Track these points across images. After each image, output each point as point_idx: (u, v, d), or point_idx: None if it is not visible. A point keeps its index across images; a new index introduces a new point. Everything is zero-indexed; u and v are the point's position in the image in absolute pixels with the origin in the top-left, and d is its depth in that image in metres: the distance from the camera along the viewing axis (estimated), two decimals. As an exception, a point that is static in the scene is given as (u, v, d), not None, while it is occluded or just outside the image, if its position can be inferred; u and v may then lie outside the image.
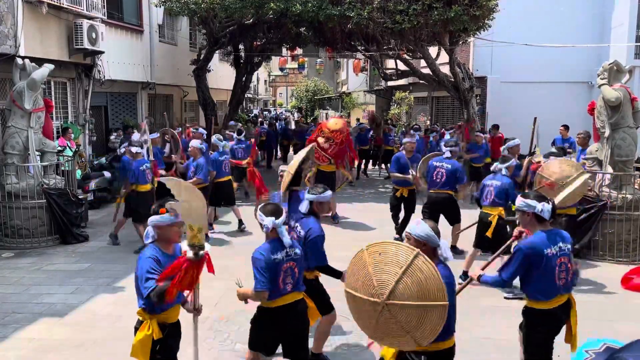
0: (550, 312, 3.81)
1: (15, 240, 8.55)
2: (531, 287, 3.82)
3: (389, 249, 2.93)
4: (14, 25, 9.51)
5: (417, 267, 2.80)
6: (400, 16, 12.43)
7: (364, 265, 2.95)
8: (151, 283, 3.29)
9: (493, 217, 6.53)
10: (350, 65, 31.07)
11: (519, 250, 3.78)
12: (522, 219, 3.91)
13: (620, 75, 8.12)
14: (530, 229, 3.90)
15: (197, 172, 8.55)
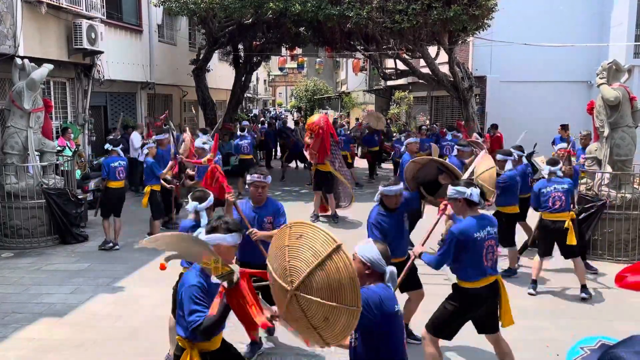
0: (476, 293, 4.12)
1: (15, 240, 8.55)
2: (461, 269, 4.16)
3: (310, 233, 2.60)
4: (13, 25, 9.51)
5: (335, 263, 2.51)
6: (399, 16, 12.43)
7: (282, 245, 2.67)
8: (197, 317, 2.98)
9: (568, 222, 6.39)
10: (349, 65, 31.06)
11: (452, 235, 4.11)
12: (454, 206, 4.26)
13: (619, 75, 8.13)
14: (462, 214, 4.21)
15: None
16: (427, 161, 5.41)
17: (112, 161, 8.34)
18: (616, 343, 1.33)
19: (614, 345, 1.31)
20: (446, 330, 4.22)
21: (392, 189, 4.85)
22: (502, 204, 7.13)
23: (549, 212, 6.46)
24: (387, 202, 4.90)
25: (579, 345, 1.53)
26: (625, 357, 1.22)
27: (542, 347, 5.06)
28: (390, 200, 4.88)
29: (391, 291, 3.03)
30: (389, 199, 4.88)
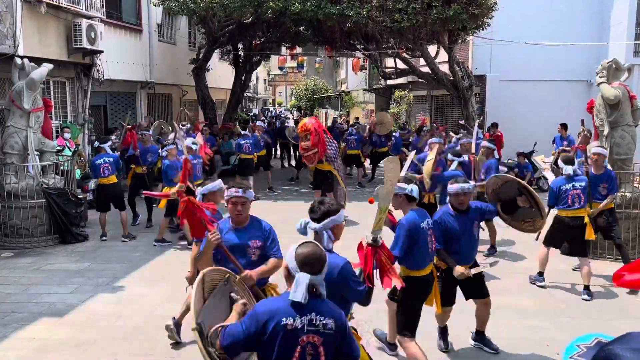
0: (424, 279, 4.41)
1: (15, 240, 8.55)
2: (410, 259, 4.34)
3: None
4: (13, 25, 9.51)
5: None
6: (399, 15, 12.43)
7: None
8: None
9: (586, 218, 6.49)
10: (349, 64, 31.05)
11: (402, 226, 4.27)
12: (395, 201, 4.36)
13: (619, 74, 8.12)
14: (403, 209, 4.44)
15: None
16: (510, 180, 5.38)
17: (97, 159, 8.91)
18: (612, 340, 1.33)
19: (609, 342, 1.32)
20: (414, 325, 4.36)
21: (461, 187, 4.69)
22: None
23: (568, 209, 6.51)
24: (455, 201, 4.76)
25: (575, 342, 1.54)
26: (621, 353, 1.22)
27: (542, 346, 5.06)
28: (458, 199, 4.74)
29: (286, 303, 2.55)
30: (457, 197, 4.73)
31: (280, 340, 2.50)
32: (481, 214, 4.92)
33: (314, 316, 2.54)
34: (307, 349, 2.53)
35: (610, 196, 6.87)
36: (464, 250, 4.76)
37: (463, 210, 4.75)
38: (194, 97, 17.76)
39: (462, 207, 4.74)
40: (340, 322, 2.61)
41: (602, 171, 6.95)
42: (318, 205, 3.26)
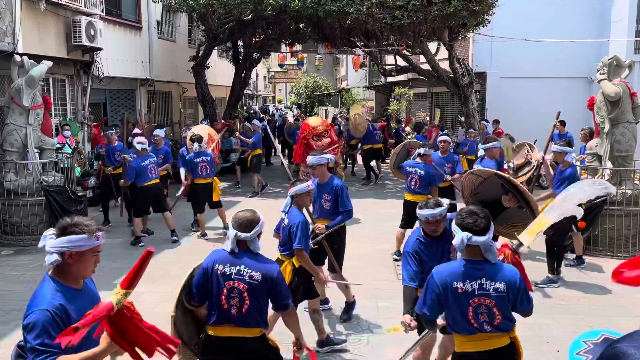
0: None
1: (15, 237, 8.55)
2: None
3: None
4: (12, 22, 9.49)
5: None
6: (399, 12, 12.41)
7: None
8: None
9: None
10: (349, 62, 31.03)
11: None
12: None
13: (620, 70, 8.11)
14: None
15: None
16: (490, 175, 4.44)
17: (141, 160, 8.39)
18: (620, 337, 1.31)
19: (618, 340, 1.29)
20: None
21: (431, 214, 3.78)
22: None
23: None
24: (426, 228, 3.89)
25: (581, 339, 1.52)
26: (630, 351, 1.20)
27: (542, 343, 5.06)
28: (428, 226, 3.86)
29: (224, 254, 3.26)
30: (427, 225, 3.85)
31: (215, 283, 3.19)
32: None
33: (242, 267, 3.20)
34: (233, 293, 3.17)
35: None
36: None
37: (437, 237, 3.96)
38: (194, 95, 17.73)
39: (435, 234, 3.92)
40: (268, 275, 3.19)
41: (565, 167, 6.87)
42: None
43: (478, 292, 2.99)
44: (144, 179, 8.29)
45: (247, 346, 3.28)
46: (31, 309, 2.44)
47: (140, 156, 8.36)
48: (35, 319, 2.38)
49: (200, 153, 8.76)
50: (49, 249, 2.54)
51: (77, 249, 2.52)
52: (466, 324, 3.05)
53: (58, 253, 2.53)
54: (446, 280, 3.04)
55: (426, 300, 3.13)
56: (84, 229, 2.53)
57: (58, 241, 2.53)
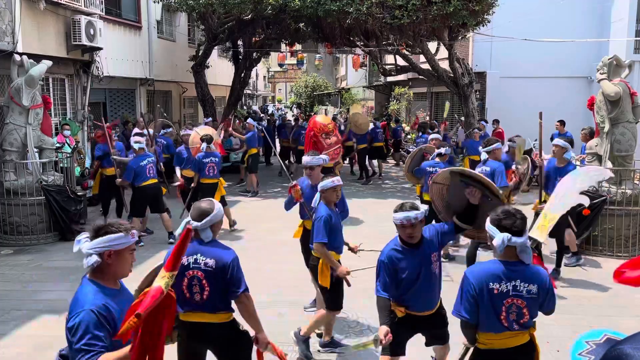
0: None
1: (15, 237, 8.54)
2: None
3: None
4: (12, 22, 9.48)
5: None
6: (399, 11, 12.40)
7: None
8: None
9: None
10: (349, 61, 31.01)
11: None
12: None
13: (619, 70, 8.10)
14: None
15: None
16: (446, 174, 4.11)
17: (139, 160, 8.32)
18: (623, 339, 1.30)
19: (621, 341, 1.28)
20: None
21: (406, 216, 3.55)
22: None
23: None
24: (401, 234, 3.65)
25: (584, 339, 1.51)
26: (633, 353, 1.19)
27: (542, 343, 5.04)
28: (404, 231, 3.62)
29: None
30: (403, 229, 3.61)
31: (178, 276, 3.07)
32: (439, 243, 3.78)
33: (198, 256, 3.35)
34: (193, 281, 3.33)
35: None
36: (415, 295, 3.70)
37: (414, 244, 3.67)
38: (194, 94, 17.72)
39: (412, 240, 3.64)
40: (221, 262, 3.30)
41: (564, 164, 6.85)
42: None
43: (512, 293, 3.02)
44: (142, 179, 8.26)
45: (216, 331, 3.41)
46: (74, 311, 2.48)
47: (138, 156, 8.32)
48: (80, 319, 2.43)
49: (209, 154, 8.78)
50: (87, 251, 2.57)
51: (116, 247, 2.58)
52: (496, 323, 3.08)
53: (97, 254, 2.56)
54: (482, 281, 3.05)
55: (463, 303, 3.10)
56: (119, 228, 2.61)
57: (96, 242, 2.57)
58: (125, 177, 8.37)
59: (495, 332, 3.10)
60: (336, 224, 4.62)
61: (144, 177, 8.26)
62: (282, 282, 6.66)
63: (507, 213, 3.09)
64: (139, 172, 8.21)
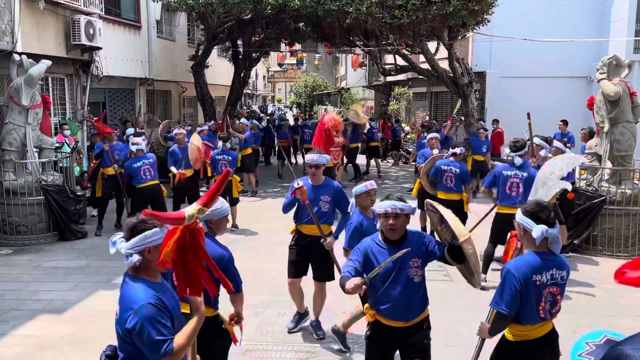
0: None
1: (14, 237, 8.53)
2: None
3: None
4: (11, 21, 9.47)
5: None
6: (398, 11, 12.39)
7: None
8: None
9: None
10: (349, 61, 31.01)
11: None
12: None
13: (619, 70, 8.10)
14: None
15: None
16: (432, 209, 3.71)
17: (135, 161, 8.43)
18: (623, 340, 1.29)
19: (620, 342, 1.28)
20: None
21: (392, 204, 3.39)
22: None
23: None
24: (383, 225, 3.42)
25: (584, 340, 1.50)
26: (633, 354, 1.19)
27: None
28: (386, 221, 3.39)
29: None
30: (386, 219, 3.40)
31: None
32: (424, 256, 3.42)
33: None
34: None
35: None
36: (393, 299, 3.38)
37: (394, 242, 3.40)
38: (193, 94, 17.70)
39: (392, 235, 3.35)
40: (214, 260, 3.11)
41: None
42: None
43: (550, 282, 3.15)
44: (138, 180, 8.36)
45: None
46: (129, 311, 2.49)
47: (135, 157, 8.40)
48: (141, 316, 2.45)
49: (224, 152, 9.18)
50: (126, 251, 2.56)
51: (154, 243, 2.58)
52: (535, 314, 3.17)
53: (138, 252, 2.56)
54: (527, 275, 3.10)
55: (504, 297, 3.12)
56: (153, 223, 2.59)
57: (134, 241, 2.56)
58: (124, 178, 8.66)
59: (533, 323, 3.20)
60: (368, 230, 4.38)
61: (140, 179, 8.35)
62: (282, 282, 6.65)
63: (541, 206, 3.21)
64: (133, 174, 8.36)
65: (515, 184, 6.42)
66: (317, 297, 5.22)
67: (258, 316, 5.61)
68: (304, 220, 5.13)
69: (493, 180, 6.66)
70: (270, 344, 5.10)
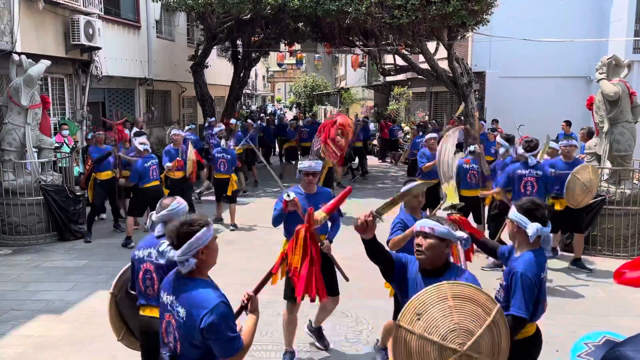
0: None
1: (13, 237, 8.53)
2: None
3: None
4: (10, 21, 9.46)
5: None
6: (398, 11, 12.39)
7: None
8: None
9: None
10: (348, 61, 31.01)
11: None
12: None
13: (619, 70, 8.10)
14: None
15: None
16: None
17: (144, 161, 8.30)
18: (623, 341, 1.29)
19: (620, 343, 1.27)
20: None
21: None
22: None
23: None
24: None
25: (583, 341, 1.50)
26: (633, 356, 1.18)
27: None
28: (412, 201, 3.99)
29: (148, 240, 3.52)
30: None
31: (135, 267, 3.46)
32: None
33: (152, 250, 3.30)
34: (147, 274, 3.37)
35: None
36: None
37: (429, 272, 3.08)
38: (193, 94, 17.70)
39: (421, 260, 3.00)
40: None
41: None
42: None
43: (547, 278, 3.30)
44: (146, 180, 8.23)
45: None
46: (204, 311, 2.49)
47: (143, 157, 8.26)
48: (218, 314, 2.48)
49: (224, 150, 9.58)
50: (180, 258, 2.57)
51: (205, 243, 2.61)
52: (542, 311, 3.20)
53: (192, 256, 2.58)
54: (539, 274, 3.09)
55: (526, 302, 2.99)
56: (200, 223, 2.61)
57: (186, 247, 2.56)
58: (131, 179, 8.35)
59: (537, 319, 3.20)
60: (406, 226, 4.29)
61: (148, 179, 8.25)
62: (281, 282, 6.65)
63: (536, 204, 3.20)
64: (143, 174, 8.21)
65: (530, 182, 6.59)
66: (325, 306, 4.82)
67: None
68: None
69: (508, 179, 6.74)
70: (269, 344, 5.09)
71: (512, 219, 3.19)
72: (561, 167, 7.20)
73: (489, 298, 2.46)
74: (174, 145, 9.18)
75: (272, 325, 5.45)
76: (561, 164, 7.30)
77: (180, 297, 2.59)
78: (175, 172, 8.97)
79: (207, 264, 2.67)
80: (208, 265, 2.68)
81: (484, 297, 2.46)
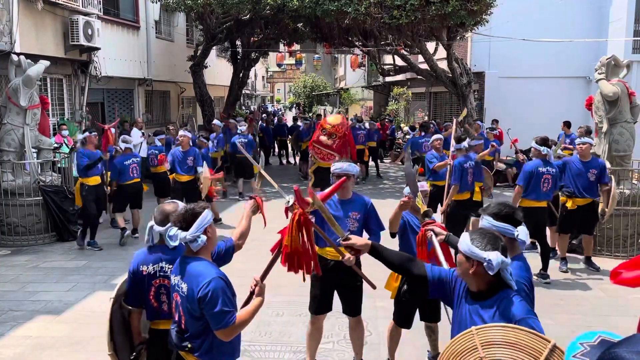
0: None
1: (12, 237, 8.52)
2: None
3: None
4: (9, 22, 9.46)
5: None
6: (397, 11, 12.40)
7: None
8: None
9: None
10: (347, 61, 31.04)
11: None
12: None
13: (618, 70, 8.11)
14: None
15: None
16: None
17: (124, 159, 8.60)
18: (618, 342, 1.28)
19: (615, 344, 1.27)
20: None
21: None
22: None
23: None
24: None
25: (578, 340, 1.49)
26: (629, 357, 1.18)
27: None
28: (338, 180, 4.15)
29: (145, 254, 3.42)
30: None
31: (145, 283, 3.29)
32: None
33: (163, 264, 3.21)
34: (161, 290, 3.21)
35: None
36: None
37: (476, 294, 2.82)
38: (192, 94, 17.70)
39: (467, 283, 2.84)
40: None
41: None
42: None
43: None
44: (125, 178, 8.51)
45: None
46: (202, 282, 2.69)
47: (123, 155, 8.58)
48: (213, 287, 2.67)
49: (241, 135, 10.98)
50: (191, 236, 2.77)
51: (210, 221, 2.87)
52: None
53: (202, 233, 2.81)
54: (530, 279, 2.87)
55: (532, 308, 2.65)
56: (201, 206, 2.87)
57: (197, 224, 2.79)
58: (111, 177, 8.68)
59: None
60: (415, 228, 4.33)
61: (127, 176, 8.51)
62: (280, 283, 6.64)
63: (511, 207, 3.00)
64: (122, 171, 8.48)
65: (547, 180, 6.73)
66: (353, 333, 4.52)
67: (256, 317, 5.59)
68: (321, 244, 4.18)
69: (529, 178, 6.70)
70: (268, 344, 5.09)
71: (497, 230, 2.79)
72: (578, 166, 7.07)
73: (537, 337, 2.09)
74: (182, 148, 9.23)
75: (271, 326, 5.45)
76: (578, 163, 7.11)
77: (185, 274, 2.80)
78: (158, 167, 9.48)
79: (211, 243, 2.89)
80: (213, 243, 2.92)
81: (528, 339, 2.07)
